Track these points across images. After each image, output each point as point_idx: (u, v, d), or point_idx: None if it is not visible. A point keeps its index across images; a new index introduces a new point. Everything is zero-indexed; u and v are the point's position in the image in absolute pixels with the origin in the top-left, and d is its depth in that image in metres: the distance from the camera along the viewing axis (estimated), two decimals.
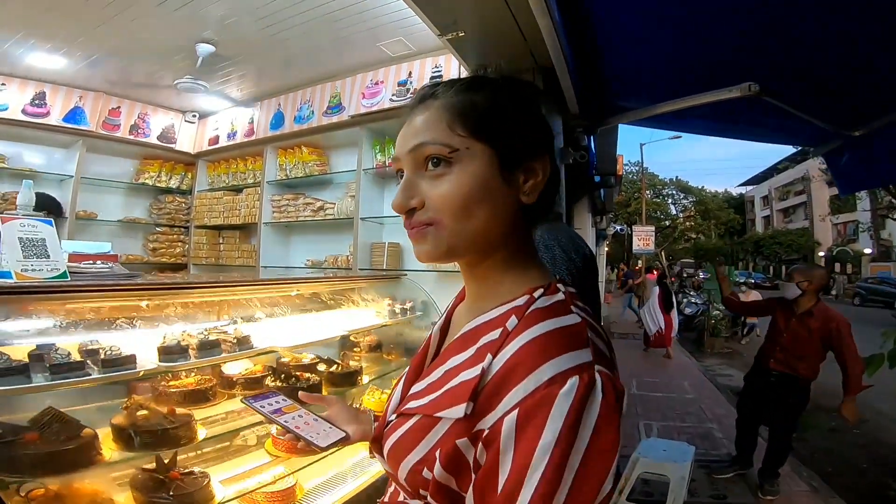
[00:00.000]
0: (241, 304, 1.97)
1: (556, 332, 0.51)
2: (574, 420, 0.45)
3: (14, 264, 1.10)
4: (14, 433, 1.18)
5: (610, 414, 0.46)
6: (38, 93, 3.99)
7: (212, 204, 4.85)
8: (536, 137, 0.60)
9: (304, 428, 0.80)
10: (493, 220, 0.57)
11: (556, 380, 0.46)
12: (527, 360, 0.49)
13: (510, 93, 0.61)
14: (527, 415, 0.46)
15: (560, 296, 0.57)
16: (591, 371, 0.47)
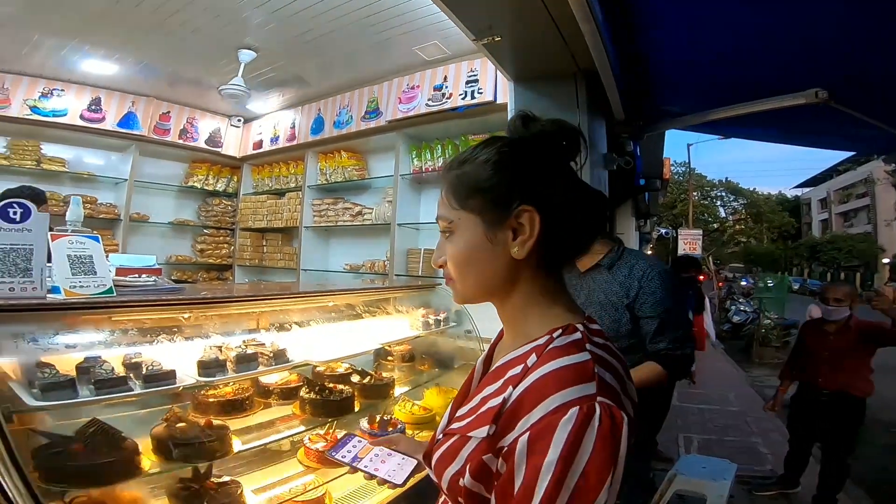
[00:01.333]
0: (278, 313, 1.99)
1: (565, 368, 0.59)
2: (572, 444, 0.53)
3: (63, 281, 1.14)
4: (61, 444, 1.22)
5: (604, 439, 0.54)
6: (93, 98, 4.21)
7: (256, 207, 4.99)
8: (516, 195, 0.65)
9: (381, 468, 0.89)
10: (487, 276, 0.68)
11: (559, 409, 0.55)
12: (539, 391, 0.58)
13: (495, 154, 0.67)
14: (535, 437, 0.55)
15: (577, 335, 0.64)
16: (592, 402, 0.55)
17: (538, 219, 0.64)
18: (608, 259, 1.64)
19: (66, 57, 3.70)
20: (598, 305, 1.59)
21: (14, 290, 1.07)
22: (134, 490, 1.40)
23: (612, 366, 0.62)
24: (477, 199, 0.67)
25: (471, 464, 0.62)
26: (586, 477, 0.53)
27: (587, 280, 1.66)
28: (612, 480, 0.53)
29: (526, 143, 0.68)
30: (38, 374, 1.17)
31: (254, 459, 1.78)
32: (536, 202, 0.64)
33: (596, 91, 2.48)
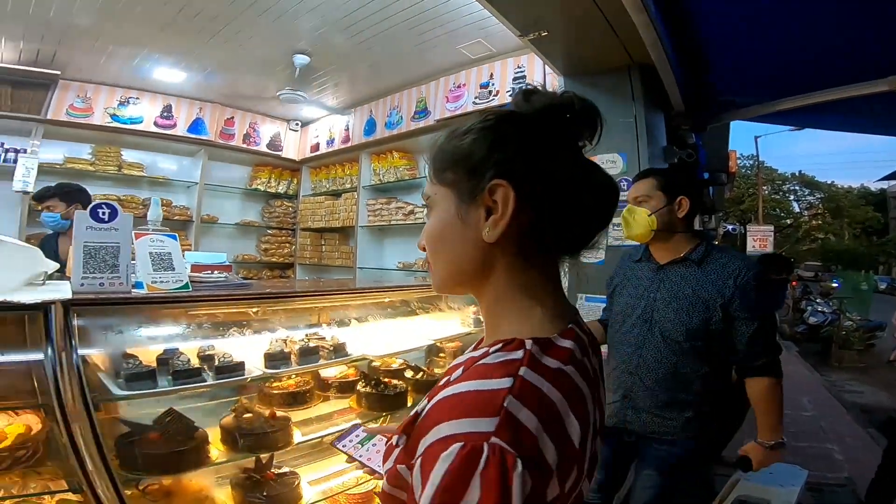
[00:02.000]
0: (337, 309, 2.06)
1: (472, 393, 0.50)
2: (447, 483, 0.45)
3: (145, 277, 1.24)
4: (140, 433, 1.31)
5: (489, 487, 0.44)
6: (165, 105, 4.49)
7: (314, 208, 5.18)
8: (491, 169, 0.56)
9: (374, 458, 0.88)
10: (457, 260, 0.60)
11: (442, 441, 0.47)
12: (438, 414, 0.50)
13: (468, 129, 0.59)
14: (422, 465, 0.48)
15: (516, 354, 0.53)
16: (480, 441, 0.46)
17: (513, 196, 0.55)
18: (697, 254, 1.58)
19: (138, 66, 3.98)
20: (685, 300, 1.53)
21: (104, 285, 1.17)
22: (201, 479, 1.49)
23: (545, 401, 0.51)
24: (451, 171, 0.59)
25: (390, 469, 0.58)
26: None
27: (669, 274, 1.60)
28: None
29: (518, 116, 0.60)
30: (123, 365, 1.26)
31: (310, 451, 1.85)
32: (513, 178, 0.55)
33: (652, 83, 2.38)
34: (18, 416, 1.26)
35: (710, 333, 1.50)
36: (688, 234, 1.64)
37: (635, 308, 1.63)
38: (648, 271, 1.65)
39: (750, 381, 1.55)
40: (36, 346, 1.15)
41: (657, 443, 1.58)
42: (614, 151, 2.53)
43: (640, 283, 1.66)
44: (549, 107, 0.59)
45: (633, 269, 1.72)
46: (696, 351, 1.51)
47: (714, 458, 3.26)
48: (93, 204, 1.18)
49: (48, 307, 1.09)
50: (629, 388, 1.61)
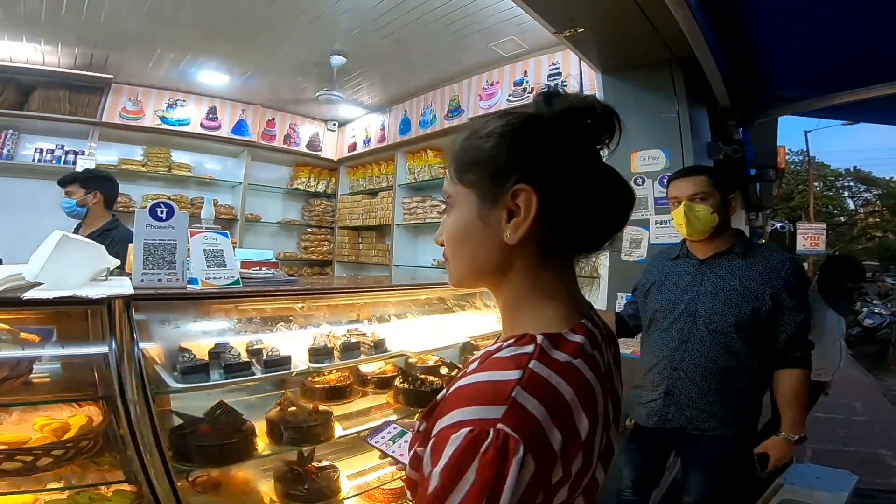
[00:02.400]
0: (377, 305, 2.09)
1: (484, 384, 0.54)
2: (453, 465, 0.49)
3: (200, 273, 1.30)
4: (192, 425, 1.37)
5: (484, 469, 0.48)
6: (210, 108, 4.65)
7: (352, 207, 5.28)
8: (515, 173, 0.58)
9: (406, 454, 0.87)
10: (477, 258, 0.62)
11: (454, 425, 0.51)
12: (452, 402, 0.54)
13: (503, 128, 0.61)
14: (434, 447, 0.52)
15: (527, 349, 0.56)
16: (487, 427, 0.49)
17: (535, 200, 0.57)
18: (740, 247, 1.59)
19: (184, 69, 4.13)
20: (732, 292, 1.53)
21: (161, 281, 1.23)
22: (247, 471, 1.54)
23: (553, 392, 0.53)
24: (474, 172, 0.61)
25: (411, 456, 0.62)
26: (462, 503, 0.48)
27: (713, 267, 1.61)
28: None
29: (540, 120, 0.61)
30: (179, 358, 1.33)
31: (349, 446, 1.89)
32: (536, 182, 0.57)
33: (695, 77, 2.31)
34: (81, 407, 1.32)
35: (758, 324, 1.50)
36: (730, 231, 1.65)
37: (677, 303, 1.62)
38: (689, 267, 1.65)
39: (784, 373, 1.54)
40: (98, 339, 1.22)
41: (702, 440, 1.57)
42: (657, 147, 2.47)
43: (681, 279, 1.65)
44: (571, 111, 0.61)
45: (670, 267, 1.72)
46: (745, 343, 1.51)
47: None
48: (152, 203, 1.24)
49: (111, 302, 1.16)
50: (672, 384, 1.60)
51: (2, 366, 1.15)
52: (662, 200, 2.41)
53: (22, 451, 1.13)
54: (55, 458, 1.16)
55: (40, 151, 4.15)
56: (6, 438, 1.16)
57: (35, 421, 1.26)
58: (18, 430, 1.24)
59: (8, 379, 1.17)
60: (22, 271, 1.15)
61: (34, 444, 1.17)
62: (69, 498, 1.20)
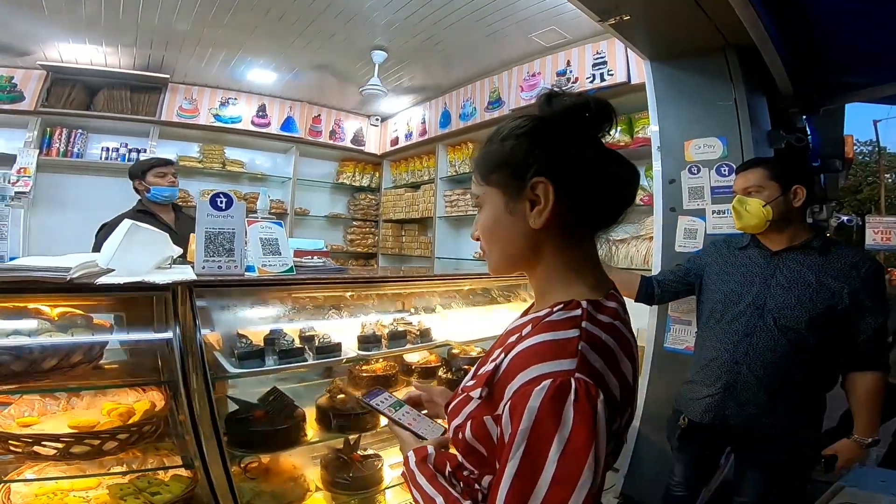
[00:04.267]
0: (422, 296, 2.10)
1: (549, 342, 0.61)
2: (545, 413, 0.54)
3: (257, 260, 1.34)
4: (247, 411, 1.41)
5: (582, 413, 0.54)
6: (260, 105, 4.78)
7: (395, 200, 5.32)
8: (531, 168, 0.67)
9: (414, 425, 0.89)
10: (510, 246, 0.71)
11: (536, 380, 0.57)
12: (522, 361, 0.60)
13: (514, 131, 0.69)
14: (513, 405, 0.58)
15: (576, 312, 0.64)
16: (567, 377, 0.56)
17: (552, 189, 0.65)
18: (818, 241, 1.51)
19: (234, 68, 4.26)
20: (807, 287, 1.46)
21: (221, 268, 1.28)
22: (296, 457, 1.57)
23: (605, 346, 0.62)
24: (497, 173, 0.70)
25: (472, 421, 0.66)
26: (568, 448, 0.53)
27: (786, 260, 1.53)
28: (596, 454, 0.53)
29: (546, 120, 0.69)
30: (237, 344, 1.37)
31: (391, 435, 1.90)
32: (550, 174, 0.66)
33: (752, 63, 2.20)
34: (145, 392, 1.38)
35: (832, 322, 1.42)
36: (804, 224, 1.57)
37: (743, 295, 1.55)
38: (760, 258, 1.57)
39: (859, 375, 1.46)
40: (161, 325, 1.27)
41: (762, 439, 1.50)
42: (712, 135, 2.35)
43: (748, 270, 1.57)
44: (571, 108, 0.69)
45: (736, 257, 1.64)
46: (815, 340, 1.44)
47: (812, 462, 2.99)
48: (212, 194, 1.29)
49: (176, 288, 1.21)
50: (732, 379, 1.53)
51: (77, 350, 1.21)
52: (719, 189, 2.31)
53: (90, 435, 1.18)
54: (120, 441, 1.20)
55: (106, 150, 4.37)
56: (76, 422, 1.22)
57: (103, 405, 1.32)
58: (87, 414, 1.30)
59: (81, 363, 1.23)
60: (95, 258, 1.22)
61: (101, 428, 1.21)
62: (130, 482, 1.24)
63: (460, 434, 0.68)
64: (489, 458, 0.65)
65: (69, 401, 1.36)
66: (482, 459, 0.66)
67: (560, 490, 0.53)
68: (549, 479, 0.53)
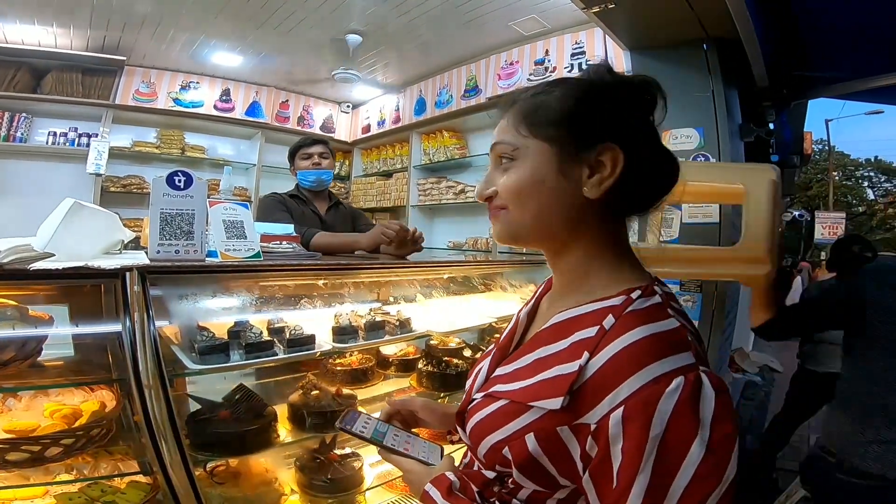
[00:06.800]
0: (399, 285, 2.01)
1: (657, 336, 0.53)
2: (683, 414, 0.48)
3: (219, 244, 1.21)
4: (211, 410, 1.28)
5: (725, 406, 0.50)
6: (224, 89, 4.60)
7: (366, 188, 5.22)
8: (601, 132, 0.60)
9: (410, 449, 0.77)
10: (548, 210, 0.62)
11: (660, 379, 0.49)
12: (631, 362, 0.51)
13: (579, 90, 0.62)
14: (633, 411, 0.49)
15: (657, 298, 0.58)
16: (696, 371, 0.50)
17: (622, 159, 0.59)
18: None
19: (197, 51, 4.08)
20: None
21: (179, 253, 1.15)
22: (267, 459, 1.45)
23: (697, 335, 0.59)
24: (555, 128, 0.61)
25: (536, 433, 0.55)
26: (713, 445, 0.48)
27: None
28: (737, 456, 0.50)
29: (610, 87, 0.63)
30: (197, 337, 1.24)
31: None
32: (623, 141, 0.59)
33: (729, 57, 2.24)
34: (93, 392, 1.25)
35: None
36: None
37: None
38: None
39: None
40: (112, 317, 1.14)
41: None
42: (689, 126, 2.36)
43: None
44: (632, 84, 0.63)
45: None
46: None
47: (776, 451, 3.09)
48: (170, 171, 1.16)
49: (125, 274, 1.07)
50: None
51: (8, 346, 1.06)
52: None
53: (29, 441, 1.05)
54: (65, 447, 1.08)
55: (53, 134, 4.14)
56: (13, 426, 1.09)
57: (44, 407, 1.19)
58: (27, 416, 1.17)
59: (14, 360, 1.09)
60: (30, 241, 1.07)
61: (43, 431, 1.10)
62: (80, 491, 1.12)
63: (508, 450, 0.58)
64: (561, 472, 0.56)
65: (4, 402, 1.21)
66: (543, 476, 0.57)
67: (704, 486, 0.48)
68: (686, 481, 0.48)
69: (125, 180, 4.33)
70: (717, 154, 2.23)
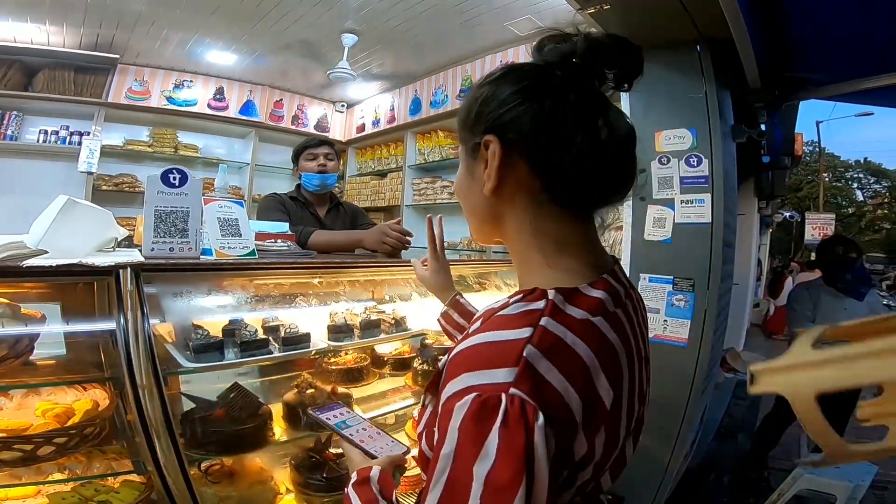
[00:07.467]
0: (395, 283, 2.01)
1: (488, 345, 0.49)
2: (464, 437, 0.44)
3: (214, 242, 1.21)
4: (206, 409, 1.27)
5: (508, 437, 0.42)
6: (217, 88, 4.57)
7: (360, 188, 5.20)
8: (485, 125, 0.57)
9: (367, 442, 0.79)
10: (471, 209, 0.63)
11: (459, 392, 0.46)
12: (456, 366, 0.49)
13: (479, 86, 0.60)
14: (441, 418, 0.47)
15: (538, 304, 0.51)
16: (498, 392, 0.44)
17: (500, 150, 0.56)
18: None
19: (191, 49, 4.05)
20: None
21: (173, 250, 1.14)
22: (263, 458, 1.45)
23: (569, 351, 0.48)
24: (461, 129, 0.63)
25: (426, 431, 0.56)
26: (489, 485, 0.42)
27: None
28: (527, 488, 0.41)
29: (519, 69, 0.59)
30: (192, 335, 1.23)
31: None
32: (500, 131, 0.56)
33: (721, 58, 2.25)
34: (86, 390, 1.24)
35: None
36: None
37: None
38: None
39: None
40: (105, 315, 1.13)
41: None
42: (682, 127, 2.38)
43: None
44: (555, 53, 0.58)
45: None
46: None
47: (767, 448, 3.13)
48: (164, 169, 1.16)
49: (119, 271, 1.07)
50: None
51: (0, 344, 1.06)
52: (688, 179, 2.34)
53: (21, 440, 1.04)
54: (58, 446, 1.07)
55: (45, 133, 4.09)
56: (5, 425, 1.08)
57: (36, 406, 1.18)
58: (18, 415, 1.15)
59: (6, 359, 1.08)
60: (23, 238, 1.07)
61: (35, 431, 1.08)
62: (73, 490, 1.11)
63: (421, 443, 0.58)
64: None
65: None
66: None
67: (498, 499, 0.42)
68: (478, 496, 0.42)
69: (117, 179, 4.29)
70: (710, 154, 2.24)
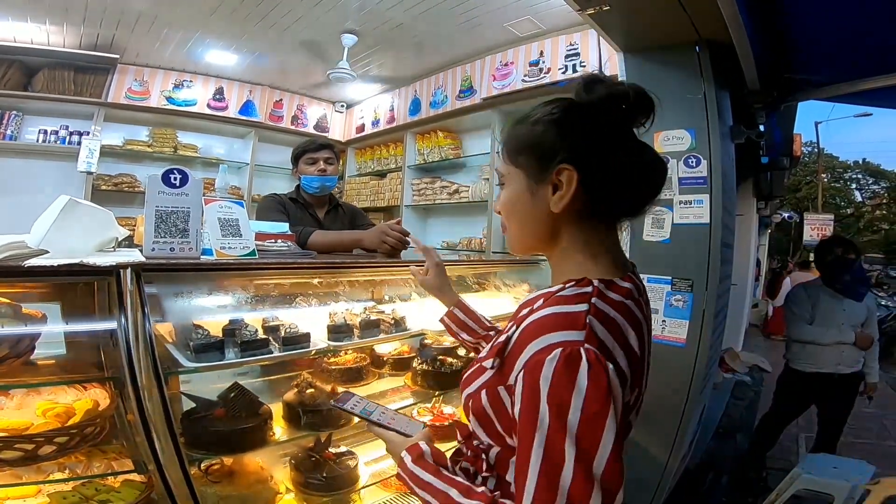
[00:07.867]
0: (394, 283, 2.01)
1: (557, 315, 0.64)
2: (557, 380, 0.57)
3: (215, 243, 1.21)
4: (206, 409, 1.28)
5: (595, 378, 0.56)
6: (217, 88, 4.58)
7: (360, 188, 5.21)
8: (559, 155, 0.68)
9: (394, 423, 0.89)
10: (525, 226, 0.75)
11: (544, 349, 0.60)
12: (531, 333, 0.63)
13: (544, 118, 0.71)
14: (526, 374, 0.60)
15: (587, 288, 0.66)
16: (576, 346, 0.58)
17: (576, 178, 0.67)
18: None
19: (191, 50, 4.06)
20: None
21: (174, 250, 1.15)
22: (262, 458, 1.45)
23: (614, 322, 0.64)
24: (524, 155, 0.72)
25: (486, 391, 0.69)
26: (586, 413, 0.55)
27: None
28: (613, 418, 0.55)
29: (581, 107, 0.71)
30: (192, 335, 1.23)
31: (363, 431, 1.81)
32: (576, 162, 0.67)
33: (721, 59, 2.24)
34: (87, 390, 1.24)
35: None
36: None
37: None
38: None
39: None
40: (105, 315, 1.14)
41: None
42: (681, 127, 2.38)
43: None
44: (607, 98, 0.69)
45: None
46: None
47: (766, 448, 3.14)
48: (165, 169, 1.16)
49: (120, 271, 1.07)
50: None
51: (0, 343, 1.06)
52: (687, 180, 2.34)
53: (22, 439, 1.04)
54: (59, 445, 1.08)
55: (44, 132, 4.09)
56: (6, 425, 1.08)
57: (37, 405, 1.18)
58: (19, 415, 1.15)
59: (7, 358, 1.08)
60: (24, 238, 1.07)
61: (36, 430, 1.08)
62: (74, 489, 1.11)
63: (471, 402, 0.72)
64: (503, 427, 0.68)
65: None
66: (493, 430, 0.70)
67: (586, 453, 0.55)
68: (573, 444, 0.55)
69: (116, 178, 4.29)
70: (709, 155, 2.25)
